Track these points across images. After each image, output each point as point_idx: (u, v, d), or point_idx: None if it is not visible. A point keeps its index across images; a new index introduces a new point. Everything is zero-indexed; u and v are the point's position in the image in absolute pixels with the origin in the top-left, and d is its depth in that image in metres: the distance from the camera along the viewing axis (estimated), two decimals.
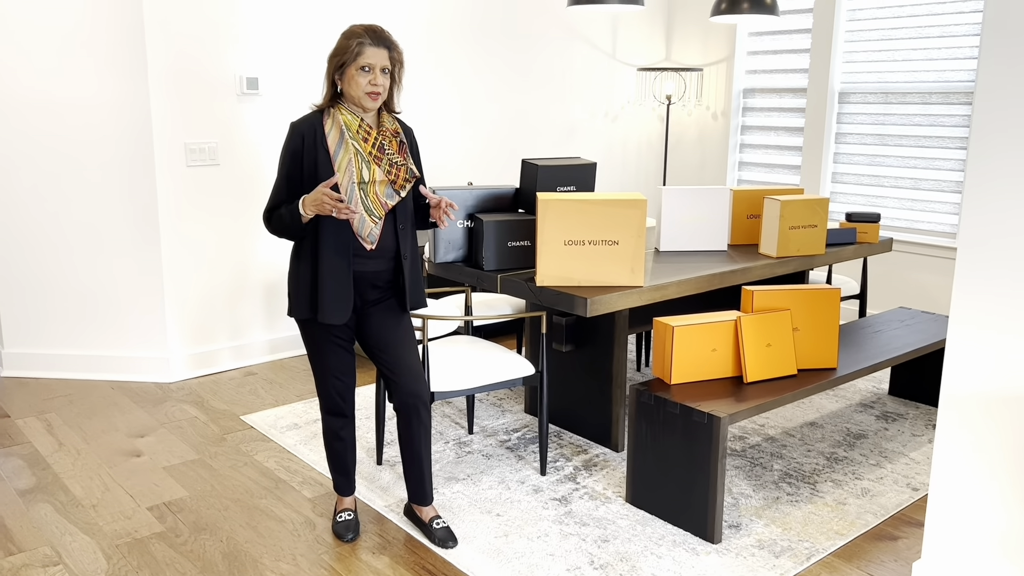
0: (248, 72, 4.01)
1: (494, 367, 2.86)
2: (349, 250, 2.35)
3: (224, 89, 3.96)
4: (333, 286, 2.35)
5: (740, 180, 5.69)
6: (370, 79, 2.31)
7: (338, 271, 2.35)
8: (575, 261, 2.75)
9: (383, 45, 2.33)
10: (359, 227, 2.35)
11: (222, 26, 3.91)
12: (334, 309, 2.36)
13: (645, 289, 2.80)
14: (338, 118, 2.35)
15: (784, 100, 5.37)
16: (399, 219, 2.43)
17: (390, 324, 2.47)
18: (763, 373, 2.73)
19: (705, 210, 3.36)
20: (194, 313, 4.04)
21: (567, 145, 5.42)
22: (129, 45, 3.72)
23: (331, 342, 2.43)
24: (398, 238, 2.42)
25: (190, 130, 3.90)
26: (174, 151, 3.87)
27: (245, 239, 4.13)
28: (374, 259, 2.40)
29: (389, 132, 2.41)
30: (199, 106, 3.90)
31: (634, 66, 5.68)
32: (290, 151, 2.35)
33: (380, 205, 2.36)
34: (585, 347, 3.25)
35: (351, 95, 2.33)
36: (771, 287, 2.82)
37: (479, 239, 2.96)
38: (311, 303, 2.38)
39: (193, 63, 3.85)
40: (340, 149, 2.33)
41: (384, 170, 2.36)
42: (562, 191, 3.12)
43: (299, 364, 4.25)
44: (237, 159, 4.04)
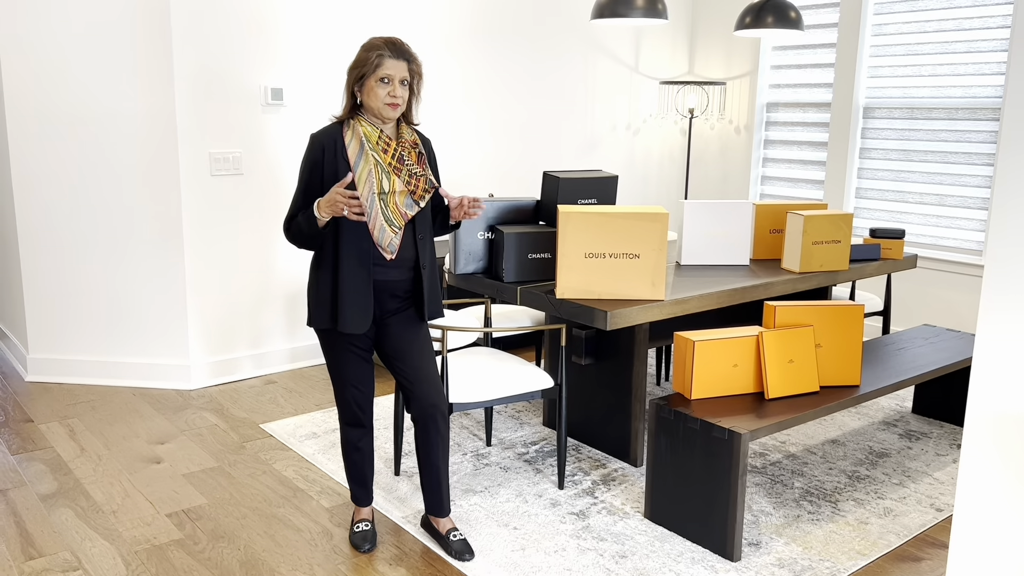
0: (273, 83, 4.05)
1: (513, 379, 2.86)
2: (369, 260, 2.37)
3: (249, 99, 4.00)
4: (353, 296, 2.36)
5: (763, 194, 5.66)
6: (389, 91, 2.33)
7: (358, 281, 2.36)
8: (595, 274, 2.74)
9: (402, 57, 2.35)
10: (379, 237, 2.36)
11: (248, 36, 3.95)
12: (354, 319, 2.37)
13: (666, 303, 2.79)
14: (358, 129, 2.37)
15: (808, 114, 5.34)
16: (418, 229, 2.44)
17: (408, 334, 2.48)
18: (785, 389, 2.70)
19: (727, 224, 3.35)
20: (215, 321, 4.06)
21: (589, 158, 5.42)
22: (156, 54, 3.77)
23: (350, 352, 2.44)
24: (417, 248, 2.44)
25: (215, 140, 3.94)
26: (199, 160, 3.91)
27: (267, 249, 4.16)
28: (394, 269, 2.41)
29: (408, 143, 2.42)
30: (224, 116, 3.94)
31: (657, 79, 5.68)
32: (310, 162, 2.37)
33: (400, 215, 2.38)
34: (605, 361, 3.24)
35: (370, 106, 2.36)
36: (793, 303, 2.80)
37: (499, 251, 2.96)
38: (331, 313, 2.39)
39: (219, 73, 3.89)
40: (360, 160, 2.35)
41: (404, 180, 2.38)
42: (583, 203, 3.12)
43: (318, 373, 4.27)
44: (261, 169, 4.08)
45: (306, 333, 4.36)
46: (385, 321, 2.47)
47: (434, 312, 2.52)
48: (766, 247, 3.52)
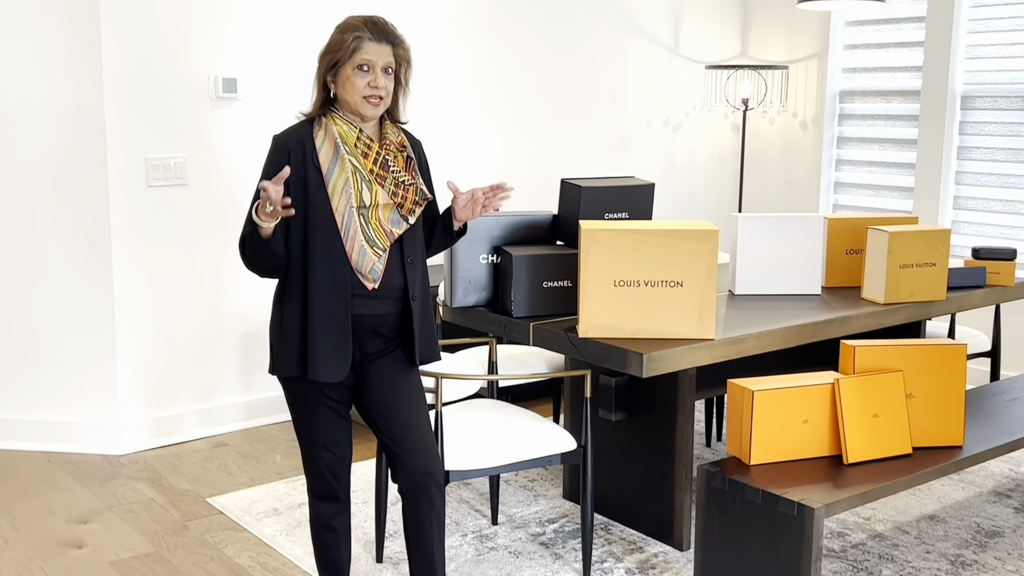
0: (224, 72, 4.10)
1: (525, 440, 2.84)
2: (346, 290, 2.37)
3: (195, 92, 4.04)
4: (326, 335, 2.36)
5: (837, 205, 5.66)
6: (369, 80, 2.35)
7: (332, 317, 2.36)
8: (628, 306, 2.74)
9: (385, 40, 2.37)
10: (358, 261, 2.37)
11: (194, 15, 4.00)
12: (327, 364, 2.37)
13: (717, 343, 2.78)
14: (331, 129, 2.38)
15: (892, 106, 5.36)
16: (407, 251, 2.44)
17: (395, 382, 2.48)
18: (868, 452, 2.69)
19: (792, 243, 3.35)
20: (153, 368, 4.07)
21: (618, 162, 5.45)
22: (79, 39, 3.82)
23: (323, 405, 2.44)
24: (406, 274, 2.44)
25: (152, 142, 3.97)
26: (132, 168, 3.94)
27: (219, 277, 4.18)
28: (376, 300, 2.42)
29: (394, 145, 2.44)
30: (164, 113, 3.98)
31: (702, 63, 5.72)
32: (271, 169, 2.38)
33: (384, 234, 2.39)
34: (641, 416, 3.23)
35: (347, 100, 2.37)
36: (878, 342, 2.78)
37: (507, 278, 2.97)
38: (299, 357, 2.39)
39: (157, 60, 3.94)
40: (335, 166, 2.36)
41: (388, 191, 2.39)
42: (611, 218, 3.13)
43: (281, 433, 4.26)
44: (210, 178, 4.11)
45: (266, 383, 4.37)
46: (366, 366, 2.48)
47: (427, 354, 2.52)
48: (842, 272, 3.52)
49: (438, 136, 4.74)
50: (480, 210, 2.50)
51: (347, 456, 2.51)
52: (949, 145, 5.07)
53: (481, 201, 2.48)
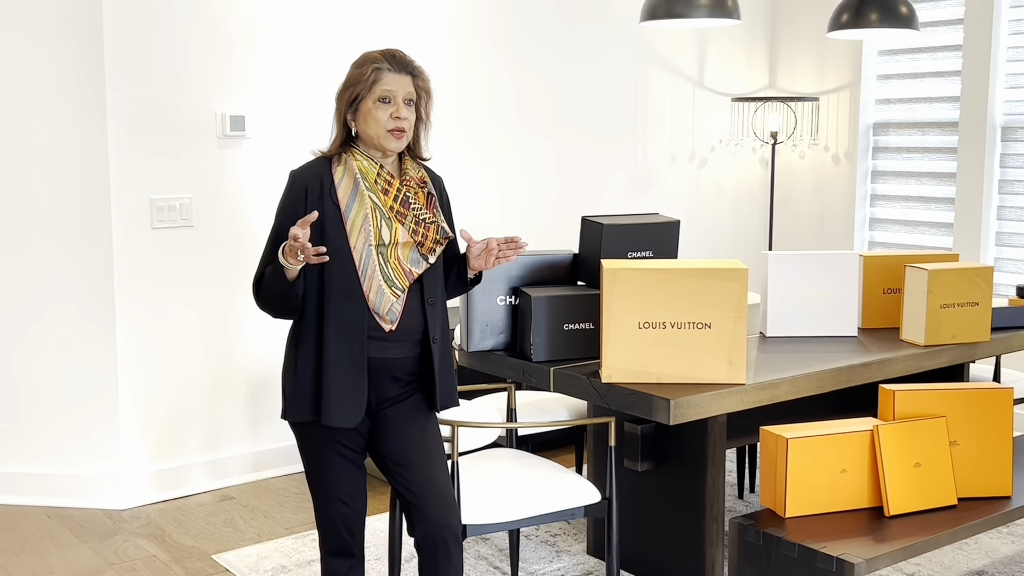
0: (232, 110, 4.14)
1: (546, 492, 2.83)
2: (363, 332, 2.38)
3: (202, 131, 4.09)
4: (341, 378, 2.37)
5: (872, 243, 5.64)
6: (392, 112, 2.38)
7: (348, 359, 2.37)
8: (654, 350, 2.73)
9: (405, 71, 2.42)
10: (376, 302, 2.38)
11: (200, 53, 4.06)
12: (342, 408, 2.37)
13: (748, 388, 2.76)
14: (351, 164, 2.41)
15: (929, 138, 5.36)
16: (427, 292, 2.46)
17: (413, 429, 2.48)
18: (911, 503, 2.66)
19: (827, 282, 3.34)
20: (157, 419, 4.08)
21: (641, 198, 5.46)
22: (83, 76, 3.88)
23: (337, 453, 2.44)
24: (426, 316, 2.45)
25: (158, 183, 4.01)
26: (137, 209, 3.98)
27: (225, 322, 4.19)
28: (394, 343, 2.42)
29: (415, 182, 2.46)
30: (169, 153, 4.03)
31: (728, 95, 5.74)
32: (289, 206, 2.40)
33: (403, 274, 2.40)
34: (669, 466, 3.20)
35: (369, 135, 2.41)
36: (919, 386, 2.76)
37: (526, 320, 2.97)
38: (313, 401, 2.40)
39: (162, 98, 3.99)
40: (354, 203, 2.38)
41: (409, 229, 2.41)
42: (635, 257, 3.13)
43: (290, 486, 4.25)
44: (217, 219, 4.14)
45: (274, 433, 4.37)
46: (382, 412, 2.48)
47: (448, 400, 2.52)
48: (879, 312, 3.50)
49: (451, 171, 4.77)
50: (494, 261, 2.51)
51: (362, 509, 2.50)
52: (990, 178, 5.05)
53: (495, 252, 2.50)
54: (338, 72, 4.35)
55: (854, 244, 5.62)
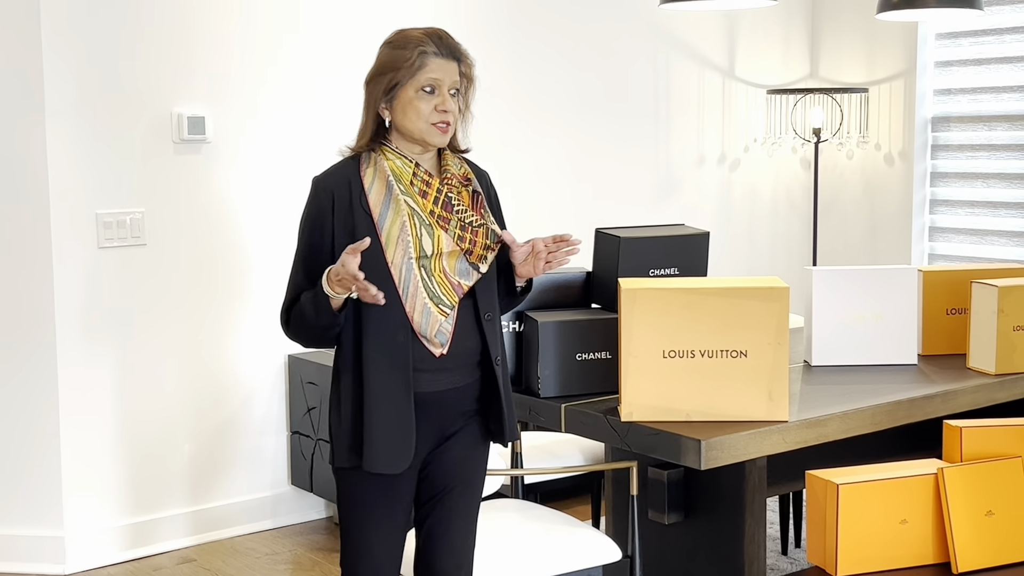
0: (190, 110, 4.15)
1: (558, 549, 2.82)
2: (407, 361, 2.36)
3: (154, 135, 4.10)
4: (384, 416, 2.36)
5: (933, 255, 5.64)
6: (437, 104, 2.36)
7: (392, 393, 2.36)
8: (681, 382, 2.73)
9: (452, 56, 2.40)
10: (421, 324, 2.36)
11: (153, 45, 4.08)
12: (387, 452, 2.36)
13: (791, 426, 2.75)
14: (382, 165, 2.39)
15: (996, 133, 5.36)
16: (482, 306, 2.45)
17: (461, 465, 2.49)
18: (983, 558, 2.65)
19: (880, 302, 3.33)
20: (106, 471, 4.07)
21: (664, 207, 5.46)
22: (17, 73, 3.89)
23: (381, 507, 2.41)
24: (484, 334, 2.45)
25: (104, 195, 4.02)
26: (81, 226, 3.98)
27: (186, 357, 4.19)
28: (449, 372, 2.42)
29: (456, 180, 2.45)
30: (117, 161, 4.03)
31: (763, 87, 5.76)
32: (314, 219, 2.40)
33: (451, 288, 2.38)
34: (700, 517, 3.19)
35: (408, 129, 2.39)
36: (990, 421, 2.76)
37: (532, 350, 2.96)
38: (353, 443, 2.38)
39: (110, 98, 4.00)
40: (388, 210, 2.36)
41: (454, 236, 2.39)
42: (657, 275, 3.13)
43: (259, 545, 4.24)
44: (175, 236, 4.15)
45: (241, 485, 4.35)
46: (444, 447, 2.48)
47: (513, 431, 2.53)
48: (942, 336, 3.49)
49: None
50: (544, 266, 2.50)
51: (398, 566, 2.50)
52: None
53: (543, 255, 2.49)
54: (315, 65, 4.39)
55: (912, 258, 5.61)
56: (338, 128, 4.32)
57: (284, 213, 4.29)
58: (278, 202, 4.32)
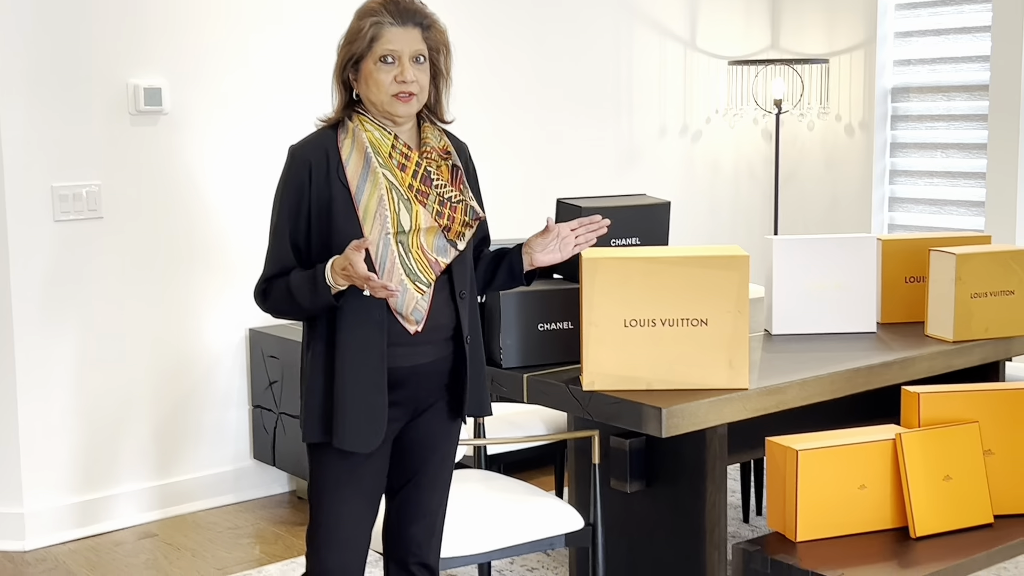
0: (147, 80, 4.11)
1: (520, 519, 2.83)
2: (382, 338, 2.35)
3: (110, 106, 4.06)
4: (356, 393, 2.34)
5: (893, 225, 5.68)
6: (396, 75, 2.33)
7: (366, 370, 2.34)
8: (642, 351, 2.74)
9: (411, 22, 2.35)
10: (397, 300, 2.35)
11: (109, 12, 4.03)
12: (358, 429, 2.35)
13: (752, 393, 2.77)
14: (360, 136, 2.37)
15: (955, 104, 5.40)
16: (457, 283, 2.44)
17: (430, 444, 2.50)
18: (940, 522, 2.68)
19: (840, 271, 3.36)
20: (63, 446, 4.05)
21: (626, 177, 5.47)
22: None
23: (351, 486, 2.40)
24: (458, 311, 2.44)
25: (59, 168, 3.98)
26: (35, 199, 3.94)
27: (144, 332, 4.16)
28: (423, 346, 2.41)
29: (436, 153, 2.43)
30: (72, 132, 3.99)
31: (724, 58, 5.77)
32: (291, 189, 2.37)
33: (428, 265, 2.37)
34: (662, 486, 3.21)
35: (373, 102, 2.37)
36: (947, 387, 2.78)
37: (494, 321, 2.97)
38: (324, 419, 2.37)
39: (64, 67, 3.96)
40: (365, 182, 2.34)
41: (432, 211, 2.37)
42: (619, 245, 3.13)
43: (221, 520, 4.23)
44: (133, 209, 4.11)
45: (203, 460, 4.34)
46: (417, 422, 2.48)
47: (477, 407, 2.52)
48: (901, 304, 3.52)
49: None
50: (573, 250, 2.51)
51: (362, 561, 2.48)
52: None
53: (571, 239, 2.50)
54: (279, 31, 4.35)
55: (871, 227, 5.65)
56: (298, 99, 4.32)
57: (243, 185, 4.27)
58: (237, 174, 4.29)
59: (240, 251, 4.29)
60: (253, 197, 4.27)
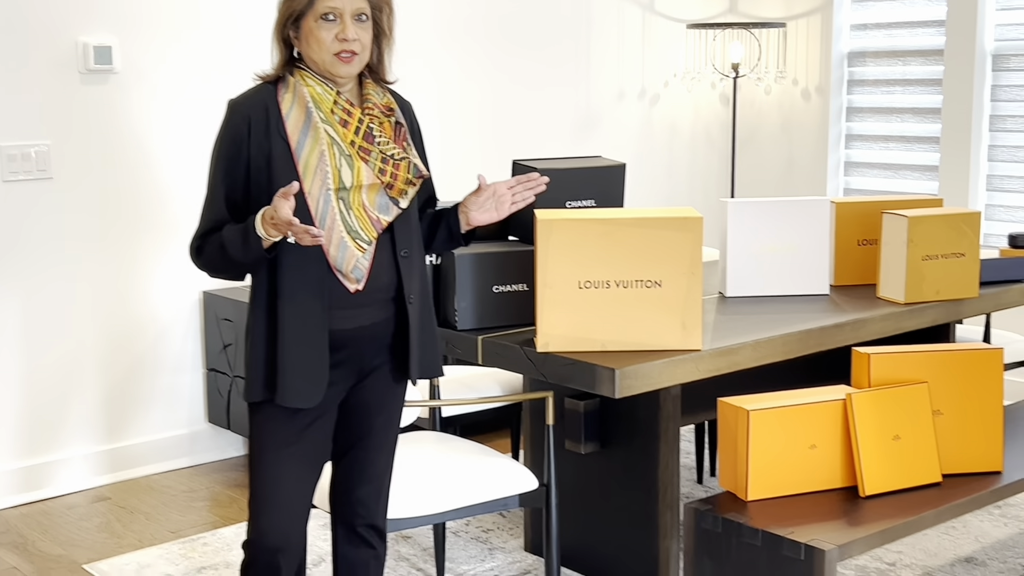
0: (97, 39, 4.06)
1: (475, 480, 2.84)
2: (322, 295, 2.34)
3: (59, 65, 4.00)
4: (297, 349, 2.33)
5: (848, 189, 5.72)
6: (337, 32, 2.31)
7: (305, 326, 2.33)
8: (596, 313, 2.75)
9: None
10: (337, 258, 2.33)
11: None
12: (299, 386, 2.34)
13: (705, 354, 2.79)
14: (301, 91, 2.34)
15: (911, 68, 5.43)
16: (400, 243, 2.42)
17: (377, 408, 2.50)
18: (889, 481, 2.71)
19: (793, 234, 3.38)
20: (14, 409, 4.02)
21: (584, 140, 5.47)
22: None
23: (292, 445, 2.39)
24: (400, 271, 2.43)
25: (7, 127, 3.93)
26: None
27: (97, 294, 4.13)
28: (365, 308, 2.39)
29: (379, 110, 2.41)
30: (20, 91, 3.94)
31: (682, 21, 5.76)
32: (229, 144, 2.35)
33: (369, 223, 2.36)
34: (616, 447, 3.23)
35: (314, 60, 2.35)
36: (898, 348, 2.81)
37: (449, 282, 2.96)
38: (266, 376, 2.36)
39: (11, 24, 3.90)
40: (306, 137, 2.32)
41: (374, 168, 2.35)
42: (574, 207, 3.14)
43: (176, 483, 4.22)
44: (83, 170, 4.07)
45: (156, 423, 4.32)
46: (363, 384, 2.47)
47: (427, 369, 2.51)
48: (853, 267, 3.55)
49: None
50: (509, 208, 2.50)
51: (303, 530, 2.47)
52: (979, 113, 5.14)
53: (508, 197, 2.49)
54: None
55: (827, 191, 5.69)
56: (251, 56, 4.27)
57: (196, 145, 4.23)
58: (189, 133, 4.25)
59: (193, 213, 4.16)
60: (206, 157, 4.20)
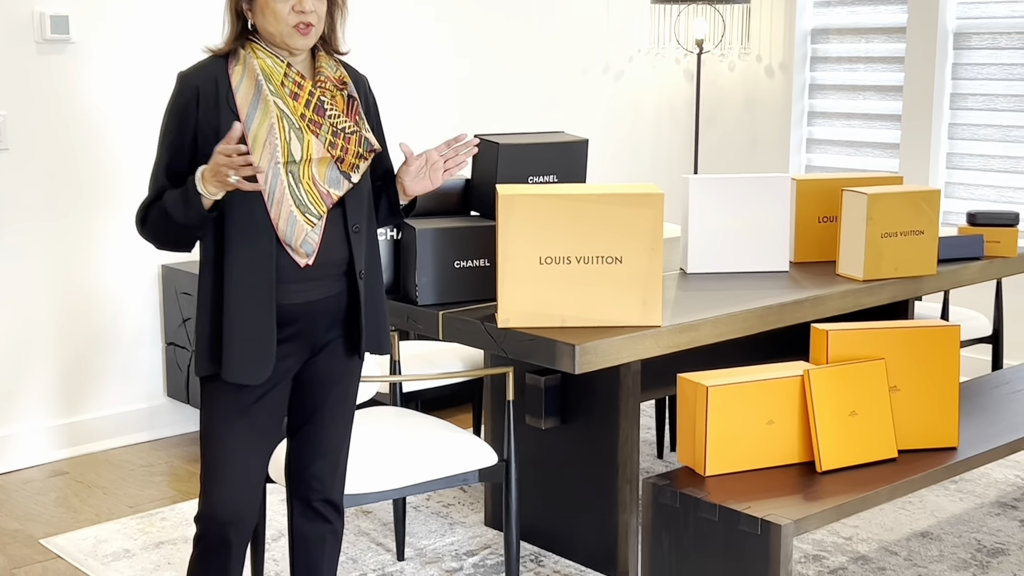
0: (52, 8, 4.01)
1: (434, 455, 2.85)
2: (270, 269, 2.32)
3: (14, 34, 3.95)
4: (244, 324, 2.32)
5: (810, 166, 5.75)
6: (294, 4, 2.29)
7: (253, 300, 2.32)
8: (556, 289, 2.76)
9: None
10: (287, 232, 2.32)
11: None
12: (245, 360, 2.33)
13: (665, 330, 2.80)
14: (252, 63, 2.33)
15: (873, 45, 5.45)
16: (351, 217, 2.41)
17: (329, 381, 2.49)
18: (846, 457, 2.73)
19: (754, 211, 3.39)
20: None
21: (547, 116, 5.46)
22: None
23: (241, 420, 2.38)
24: (351, 246, 2.41)
25: None
26: None
27: (54, 267, 4.10)
28: (315, 282, 2.38)
29: (331, 83, 2.40)
30: None
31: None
32: (177, 115, 2.32)
33: (319, 197, 2.34)
34: (576, 422, 3.24)
35: (270, 33, 2.32)
36: (856, 325, 2.83)
37: (410, 258, 2.96)
38: (212, 351, 2.35)
39: None
40: (256, 110, 2.30)
41: (324, 142, 2.34)
42: (536, 183, 3.14)
43: (134, 457, 4.21)
44: (40, 140, 4.03)
45: (113, 397, 4.30)
46: (316, 359, 2.47)
47: (375, 344, 2.51)
48: (813, 244, 3.57)
49: None
50: (442, 176, 2.48)
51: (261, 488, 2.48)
52: (940, 92, 5.17)
53: (440, 164, 2.47)
54: None
55: (790, 168, 5.71)
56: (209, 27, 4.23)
57: (153, 116, 4.16)
58: (146, 104, 4.21)
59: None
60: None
